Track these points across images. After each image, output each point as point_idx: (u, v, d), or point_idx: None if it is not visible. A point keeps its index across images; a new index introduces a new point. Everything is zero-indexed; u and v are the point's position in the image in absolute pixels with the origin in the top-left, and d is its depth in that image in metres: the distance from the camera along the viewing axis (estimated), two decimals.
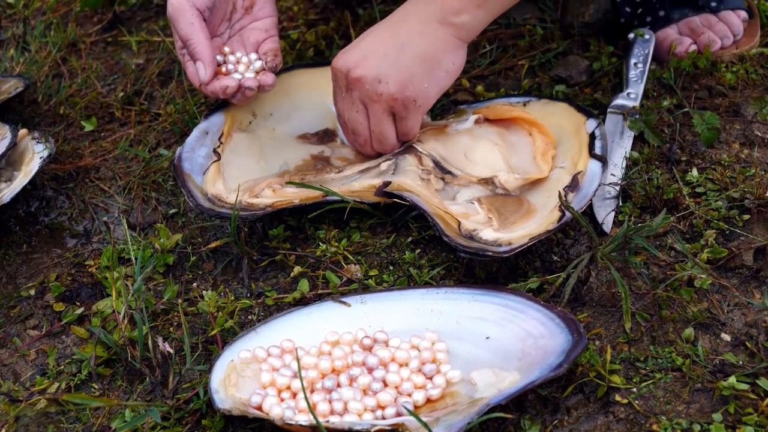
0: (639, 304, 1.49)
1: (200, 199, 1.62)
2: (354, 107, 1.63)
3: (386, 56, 1.59)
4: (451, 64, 1.62)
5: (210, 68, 1.67)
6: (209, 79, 1.67)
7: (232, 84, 1.68)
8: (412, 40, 1.59)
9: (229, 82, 1.68)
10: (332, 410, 1.34)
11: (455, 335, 1.44)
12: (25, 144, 1.74)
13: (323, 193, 1.61)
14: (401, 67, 1.59)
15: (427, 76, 1.60)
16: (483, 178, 1.65)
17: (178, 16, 1.67)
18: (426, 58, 1.59)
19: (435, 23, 1.59)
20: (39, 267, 1.66)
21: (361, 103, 1.62)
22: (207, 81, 1.67)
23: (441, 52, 1.60)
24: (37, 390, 1.46)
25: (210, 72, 1.67)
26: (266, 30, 1.77)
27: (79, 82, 2.00)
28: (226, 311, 1.53)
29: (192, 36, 1.67)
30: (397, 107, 1.61)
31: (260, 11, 1.77)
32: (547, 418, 1.35)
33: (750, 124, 1.77)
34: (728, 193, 1.62)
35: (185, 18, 1.67)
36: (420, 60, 1.59)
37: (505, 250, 1.50)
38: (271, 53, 1.74)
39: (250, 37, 1.76)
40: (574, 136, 1.69)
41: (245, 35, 1.77)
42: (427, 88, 1.61)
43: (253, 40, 1.76)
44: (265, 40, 1.77)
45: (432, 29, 1.59)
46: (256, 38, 1.76)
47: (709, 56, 1.86)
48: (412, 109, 1.62)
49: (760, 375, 1.37)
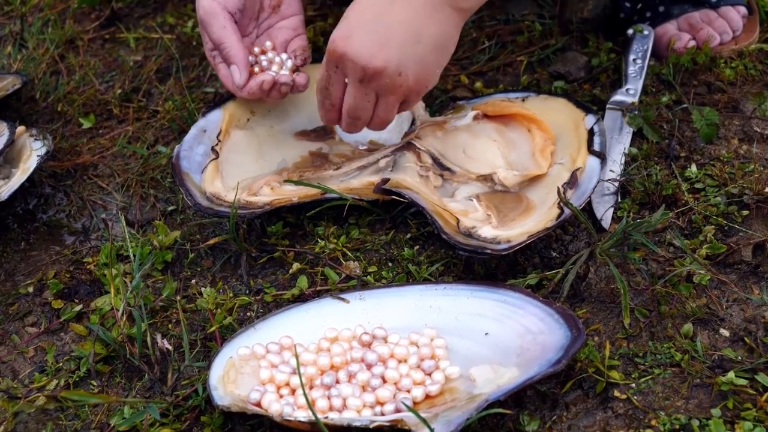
0: (638, 299, 1.49)
1: (198, 197, 1.61)
2: (367, 97, 1.57)
3: (404, 46, 1.52)
4: (453, 45, 1.59)
5: (245, 72, 1.67)
6: (245, 82, 1.68)
7: (268, 79, 1.68)
8: (426, 27, 1.53)
9: (266, 77, 1.68)
10: (331, 406, 1.34)
11: (454, 331, 1.44)
12: (23, 141, 1.74)
13: (322, 190, 1.61)
14: (419, 57, 1.54)
15: (438, 62, 1.58)
16: (482, 174, 1.64)
17: (210, 19, 1.67)
18: (439, 45, 1.56)
19: (447, 8, 1.54)
20: (37, 264, 1.65)
21: (375, 93, 1.57)
22: (242, 84, 1.68)
23: (450, 38, 1.57)
24: (36, 387, 1.46)
25: (245, 75, 1.67)
26: (294, 29, 1.77)
27: (77, 79, 2.00)
28: (224, 308, 1.53)
29: (225, 39, 1.67)
30: (411, 96, 1.59)
31: (287, 9, 1.77)
32: (546, 414, 1.35)
33: (749, 120, 1.77)
34: (727, 189, 1.62)
35: (218, 21, 1.67)
36: (435, 48, 1.55)
37: (504, 248, 1.50)
38: (300, 50, 1.75)
39: (278, 36, 1.77)
40: (573, 132, 1.69)
41: (273, 34, 1.77)
42: (437, 73, 1.59)
43: (281, 39, 1.77)
44: (293, 39, 1.77)
45: (444, 15, 1.54)
46: (285, 37, 1.77)
47: (708, 52, 1.86)
48: (423, 93, 1.60)
49: (759, 370, 1.37)
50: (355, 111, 1.59)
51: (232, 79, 1.68)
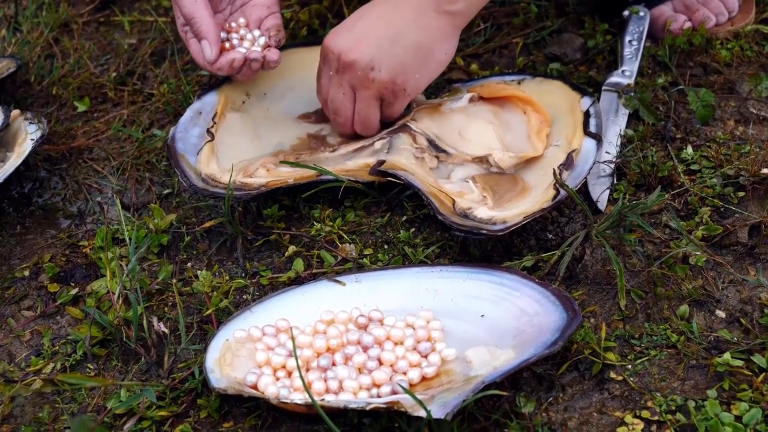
0: (634, 281, 1.49)
1: (194, 179, 1.61)
2: (341, 89, 1.63)
3: (380, 44, 1.59)
4: (444, 54, 1.62)
5: (215, 47, 1.66)
6: (215, 57, 1.66)
7: (238, 57, 1.67)
8: (407, 29, 1.59)
9: (236, 55, 1.67)
10: (327, 389, 1.34)
11: (450, 314, 1.44)
12: (18, 125, 1.73)
13: (317, 172, 1.61)
14: (395, 56, 1.59)
15: (419, 66, 1.61)
16: (477, 156, 1.64)
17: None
18: (420, 48, 1.60)
19: (431, 12, 1.58)
20: (33, 248, 1.65)
21: (350, 86, 1.62)
22: (213, 60, 1.66)
23: (435, 42, 1.60)
24: (32, 370, 1.46)
25: (216, 50, 1.66)
26: (268, 6, 1.75)
27: (72, 62, 1.99)
28: (220, 291, 1.53)
29: (196, 14, 1.66)
30: (386, 95, 1.61)
31: None
32: (542, 396, 1.36)
33: (745, 102, 1.77)
34: (723, 171, 1.62)
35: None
36: (414, 50, 1.59)
37: (500, 229, 1.50)
38: (274, 29, 1.73)
39: (252, 14, 1.74)
40: (568, 114, 1.69)
41: (247, 12, 1.75)
42: (418, 78, 1.62)
43: (255, 16, 1.74)
44: (267, 17, 1.75)
45: (427, 19, 1.59)
46: (258, 15, 1.74)
47: (704, 33, 1.86)
48: (401, 97, 1.63)
49: (755, 351, 1.37)
50: (333, 103, 1.65)
51: (203, 55, 1.67)
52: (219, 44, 1.67)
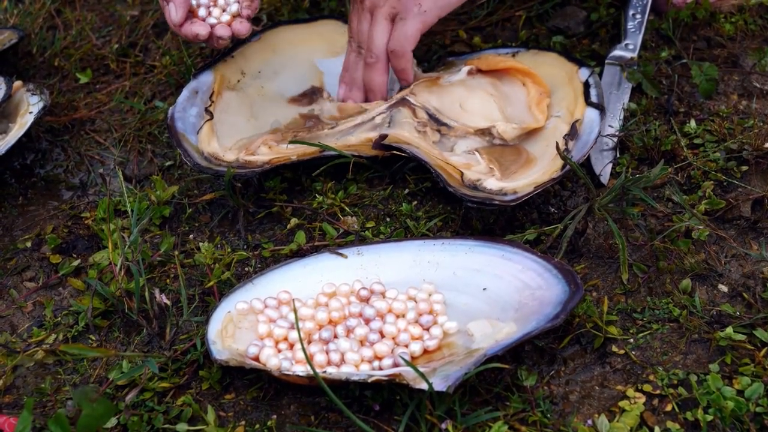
0: (636, 255, 1.49)
1: (197, 158, 1.61)
2: (363, 19, 1.63)
3: None
4: None
5: (181, 9, 1.63)
6: (181, 20, 1.63)
7: (202, 32, 1.63)
8: None
9: (200, 30, 1.63)
10: (329, 361, 1.34)
11: (452, 286, 1.44)
12: (20, 96, 1.73)
13: (320, 148, 1.61)
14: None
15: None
16: (480, 128, 1.64)
17: None
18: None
19: None
20: (35, 219, 1.65)
21: (369, 12, 1.62)
22: (179, 22, 1.63)
23: None
24: (35, 341, 1.46)
25: (181, 13, 1.63)
26: None
27: (74, 33, 1.99)
28: (222, 263, 1.53)
29: None
30: (399, 8, 1.60)
31: None
32: (544, 369, 1.36)
33: (748, 75, 1.76)
34: (726, 145, 1.62)
35: None
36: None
37: (512, 199, 1.50)
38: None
39: None
40: (567, 84, 1.68)
41: None
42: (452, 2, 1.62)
43: None
44: None
45: None
46: None
47: (707, 7, 1.85)
48: (415, 13, 1.60)
49: (757, 326, 1.37)
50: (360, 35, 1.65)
51: (170, 17, 1.64)
52: (185, 7, 1.63)
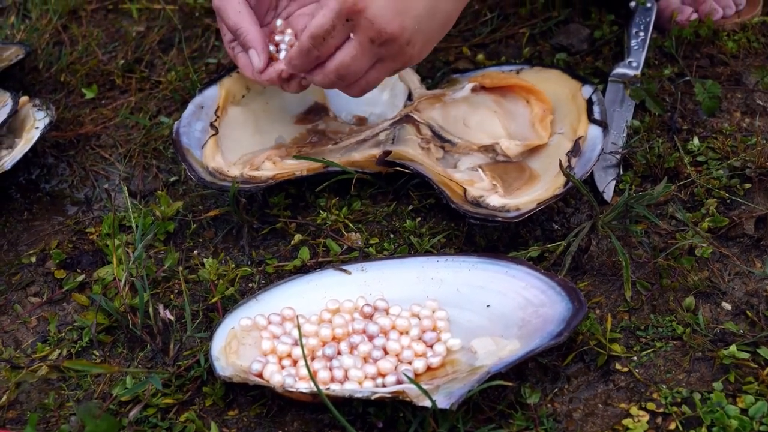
0: (640, 272, 1.49)
1: (201, 173, 1.61)
2: (368, 60, 1.51)
3: (420, 18, 1.48)
4: (454, 22, 1.57)
5: (264, 55, 1.59)
6: (264, 66, 1.59)
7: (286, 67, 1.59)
8: (443, 3, 1.50)
9: (282, 65, 1.59)
10: (333, 378, 1.34)
11: (456, 303, 1.44)
12: (26, 111, 1.74)
13: (324, 164, 1.61)
14: (429, 30, 1.51)
15: (439, 36, 1.55)
16: (483, 145, 1.64)
17: (224, 6, 1.60)
18: (448, 19, 1.54)
19: None
20: (40, 234, 1.66)
21: (378, 58, 1.51)
22: (262, 68, 1.60)
23: (455, 13, 1.55)
24: (38, 357, 1.46)
25: (264, 59, 1.59)
26: (313, 15, 1.65)
27: (80, 49, 2.00)
28: (226, 279, 1.53)
29: (242, 24, 1.59)
30: (404, 66, 1.55)
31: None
32: (548, 387, 1.36)
33: (751, 93, 1.76)
34: (729, 162, 1.62)
35: (232, 7, 1.60)
36: (444, 22, 1.53)
37: (514, 216, 1.50)
38: None
39: (298, 24, 1.68)
40: (570, 102, 1.69)
41: (293, 22, 1.68)
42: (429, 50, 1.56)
43: (301, 26, 1.66)
44: None
45: None
46: (305, 23, 1.65)
47: (710, 25, 1.85)
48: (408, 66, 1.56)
49: (761, 344, 1.37)
50: (348, 68, 1.51)
51: (251, 65, 1.60)
52: (267, 53, 1.60)
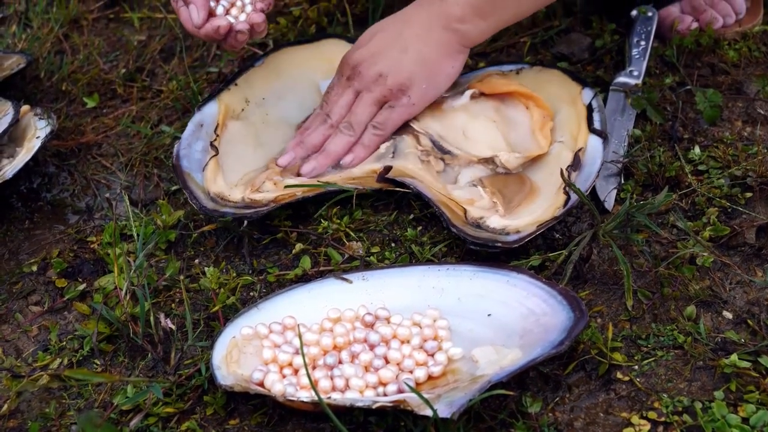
0: (641, 281, 1.49)
1: (203, 200, 1.60)
2: (346, 95, 1.67)
3: (391, 55, 1.65)
4: (451, 67, 1.67)
5: (203, 11, 1.63)
6: (202, 21, 1.63)
7: (223, 24, 1.63)
8: (416, 42, 1.65)
9: (221, 22, 1.63)
10: (334, 387, 1.34)
11: (457, 312, 1.44)
12: (28, 120, 1.74)
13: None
14: (403, 66, 1.64)
15: (425, 77, 1.66)
16: (483, 157, 1.64)
17: None
18: (426, 60, 1.65)
19: (439, 28, 1.64)
20: (41, 243, 1.66)
21: (356, 91, 1.67)
22: (200, 24, 1.63)
23: (442, 57, 1.66)
24: (39, 366, 1.46)
25: (203, 15, 1.63)
26: None
27: (81, 58, 2.00)
28: (227, 288, 1.53)
29: None
30: (390, 97, 1.65)
31: None
32: (549, 396, 1.36)
33: (752, 102, 1.76)
34: (730, 171, 1.62)
35: None
36: (421, 62, 1.65)
37: (514, 240, 1.50)
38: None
39: None
40: (570, 106, 1.69)
41: None
42: (425, 88, 1.66)
43: None
44: None
45: (435, 35, 1.65)
46: None
47: (711, 34, 1.86)
48: (404, 103, 1.65)
49: (762, 353, 1.37)
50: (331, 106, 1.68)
51: (191, 19, 1.64)
52: (206, 9, 1.63)
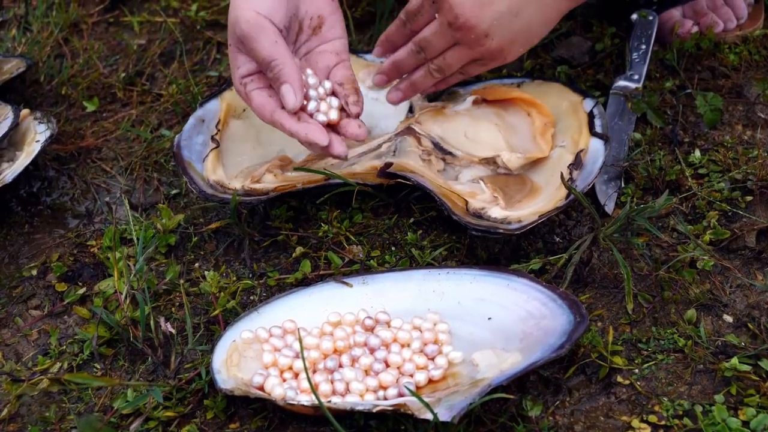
0: (641, 285, 1.49)
1: (203, 186, 1.61)
2: (444, 41, 1.56)
3: (501, 15, 1.52)
4: (546, 31, 1.60)
5: (300, 92, 1.48)
6: (300, 103, 1.48)
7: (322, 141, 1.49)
8: (529, 5, 1.53)
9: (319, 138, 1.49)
10: (334, 390, 1.34)
11: (457, 316, 1.44)
12: (27, 124, 1.74)
13: (325, 176, 1.61)
14: (511, 29, 1.54)
15: (525, 40, 1.58)
16: (485, 157, 1.64)
17: (257, 34, 1.47)
18: (533, 24, 1.56)
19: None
20: (41, 247, 1.66)
21: (455, 40, 1.55)
22: (297, 106, 1.48)
23: (547, 22, 1.58)
24: (39, 370, 1.46)
25: (300, 96, 1.48)
26: (337, 53, 1.58)
27: (81, 62, 2.00)
28: (228, 292, 1.53)
29: (277, 55, 1.47)
30: (487, 58, 1.58)
31: (329, 31, 1.58)
32: (549, 399, 1.36)
33: (753, 106, 1.76)
34: (731, 175, 1.62)
35: (267, 36, 1.47)
36: (528, 26, 1.55)
37: (516, 228, 1.50)
38: (348, 84, 1.55)
39: (319, 62, 1.57)
40: (572, 115, 1.69)
41: (313, 59, 1.58)
42: (520, 52, 1.59)
43: (322, 64, 1.57)
44: (336, 66, 1.58)
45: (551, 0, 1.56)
46: (327, 63, 1.57)
47: (712, 37, 1.86)
48: (498, 62, 1.59)
49: (762, 356, 1.37)
50: (426, 43, 1.57)
51: (285, 101, 1.48)
52: (303, 90, 1.49)
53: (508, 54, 1.58)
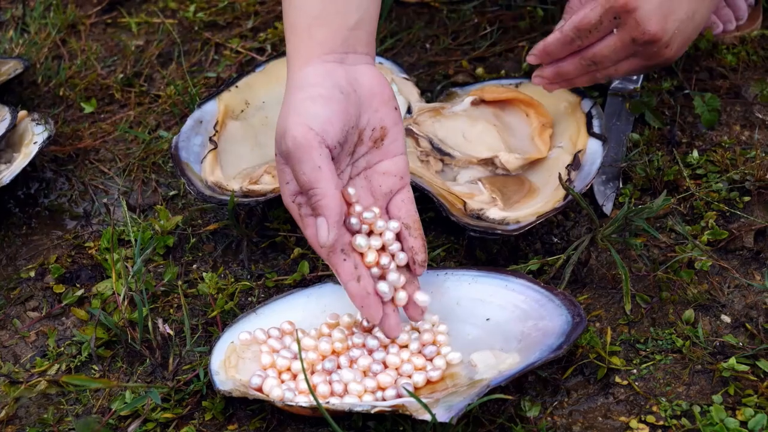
0: (639, 285, 1.49)
1: (201, 187, 1.61)
2: (625, 55, 1.54)
3: (682, 21, 1.52)
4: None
5: (334, 229, 1.32)
6: (332, 243, 1.33)
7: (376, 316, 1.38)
8: (702, 5, 1.54)
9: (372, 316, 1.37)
10: (332, 392, 1.34)
11: (455, 317, 1.44)
12: (25, 126, 1.74)
13: None
14: (687, 34, 1.55)
15: (690, 40, 1.58)
16: (483, 158, 1.64)
17: (302, 155, 1.31)
18: (699, 25, 1.57)
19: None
20: (39, 249, 1.66)
21: (633, 53, 1.54)
22: (329, 245, 1.33)
23: (709, 16, 1.60)
24: (37, 371, 1.46)
25: (334, 235, 1.32)
26: (401, 176, 1.42)
27: (79, 63, 2.00)
28: (226, 293, 1.53)
29: (318, 184, 1.31)
30: (656, 65, 1.58)
31: (392, 145, 1.42)
32: (547, 400, 1.36)
33: (751, 106, 1.76)
34: (729, 175, 1.62)
35: (312, 159, 1.31)
36: (698, 28, 1.56)
37: (514, 228, 1.50)
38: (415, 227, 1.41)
39: (381, 185, 1.42)
40: (570, 115, 1.69)
41: (373, 179, 1.42)
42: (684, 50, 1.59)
43: (385, 188, 1.42)
44: (399, 192, 1.43)
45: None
46: (390, 187, 1.42)
47: (710, 38, 1.86)
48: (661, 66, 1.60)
49: (760, 356, 1.37)
50: (603, 58, 1.54)
51: (318, 234, 1.34)
52: (339, 227, 1.34)
53: (677, 56, 1.57)
